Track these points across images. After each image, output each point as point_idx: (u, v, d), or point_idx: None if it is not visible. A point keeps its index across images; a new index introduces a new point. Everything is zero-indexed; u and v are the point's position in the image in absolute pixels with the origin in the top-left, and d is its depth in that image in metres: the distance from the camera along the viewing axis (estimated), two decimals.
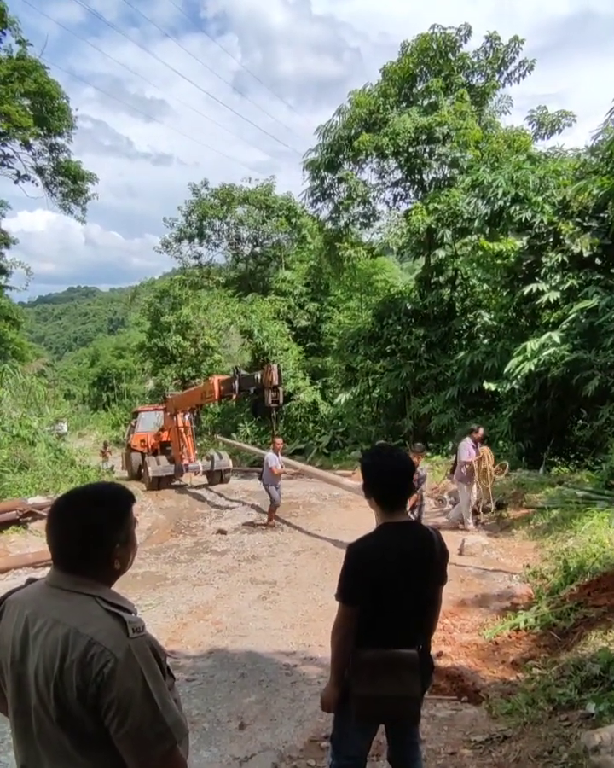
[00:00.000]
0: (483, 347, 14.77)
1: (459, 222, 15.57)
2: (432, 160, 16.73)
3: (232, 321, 24.58)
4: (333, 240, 18.39)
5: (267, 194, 29.01)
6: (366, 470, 2.43)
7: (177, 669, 4.80)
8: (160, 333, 28.68)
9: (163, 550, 9.20)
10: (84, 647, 1.44)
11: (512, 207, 13.13)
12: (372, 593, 2.28)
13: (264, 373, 11.08)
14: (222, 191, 29.22)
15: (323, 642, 5.28)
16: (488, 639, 5.17)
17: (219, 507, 12.97)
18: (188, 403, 14.84)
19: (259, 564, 8.13)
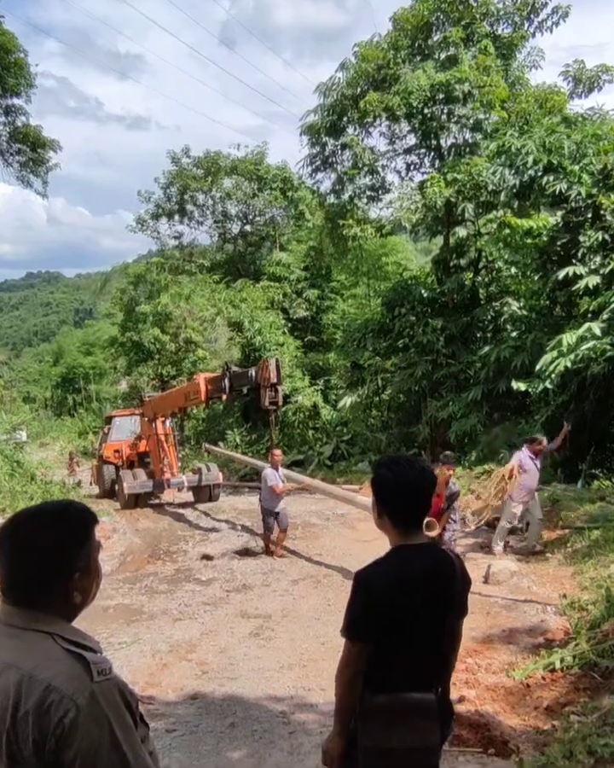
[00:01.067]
0: (512, 341, 14.78)
1: (482, 195, 15.58)
2: (451, 123, 16.75)
3: (218, 311, 24.60)
4: (335, 216, 18.41)
5: (258, 164, 29.00)
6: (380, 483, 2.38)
7: (155, 717, 4.80)
8: (135, 325, 28.66)
9: (139, 579, 9.19)
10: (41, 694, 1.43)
11: (544, 178, 13.14)
12: (384, 628, 2.28)
13: (260, 369, 10.99)
14: (206, 160, 29.21)
15: (326, 686, 5.29)
16: (518, 681, 5.17)
17: (204, 528, 12.96)
18: (170, 406, 14.81)
19: (251, 595, 8.13)
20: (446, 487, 7.78)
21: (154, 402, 15.61)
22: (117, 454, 17.68)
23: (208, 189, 29.30)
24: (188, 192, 29.26)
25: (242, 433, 24.98)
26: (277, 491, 10.11)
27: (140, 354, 29.55)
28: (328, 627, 6.74)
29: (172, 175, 29.26)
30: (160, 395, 16.30)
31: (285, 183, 28.48)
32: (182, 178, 28.84)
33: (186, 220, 30.67)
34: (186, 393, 13.56)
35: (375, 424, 21.84)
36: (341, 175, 18.03)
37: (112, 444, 18.08)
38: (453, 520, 8.16)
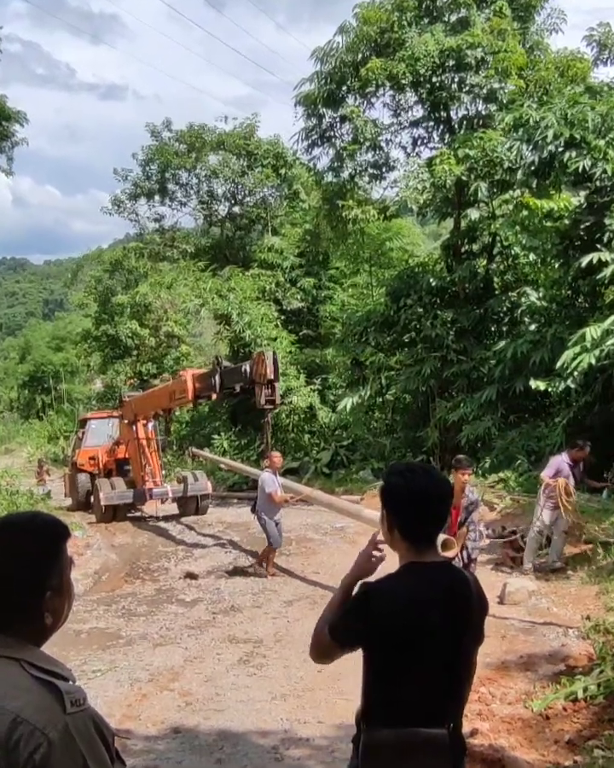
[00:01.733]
0: (530, 335, 14.81)
1: (497, 173, 15.60)
2: (462, 93, 16.76)
3: (203, 302, 24.53)
4: (334, 196, 18.41)
5: (248, 138, 28.98)
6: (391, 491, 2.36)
7: (133, 754, 4.80)
8: (111, 318, 28.68)
9: (115, 600, 9.19)
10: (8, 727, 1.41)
11: (566, 154, 13.14)
12: (391, 654, 2.27)
13: (255, 364, 10.94)
14: (189, 134, 29.17)
15: (323, 718, 5.30)
16: (536, 712, 5.18)
17: (188, 544, 12.96)
18: (153, 407, 14.77)
19: (240, 617, 8.13)
20: (462, 496, 7.37)
21: (135, 402, 15.55)
22: (92, 461, 17.63)
23: (192, 167, 29.26)
24: (170, 170, 29.22)
25: (230, 437, 24.96)
26: (276, 500, 10.00)
27: (116, 350, 29.57)
28: None
29: (152, 151, 29.20)
30: (142, 395, 16.26)
31: (277, 160, 28.46)
32: (163, 154, 28.79)
33: (167, 201, 30.62)
34: (171, 392, 13.48)
35: (378, 428, 21.84)
36: (340, 151, 18.02)
37: (87, 450, 18.06)
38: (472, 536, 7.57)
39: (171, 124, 29.59)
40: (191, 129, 29.24)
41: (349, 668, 6.31)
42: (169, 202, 30.63)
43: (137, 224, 31.20)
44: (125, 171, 29.84)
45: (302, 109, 18.06)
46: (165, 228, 31.18)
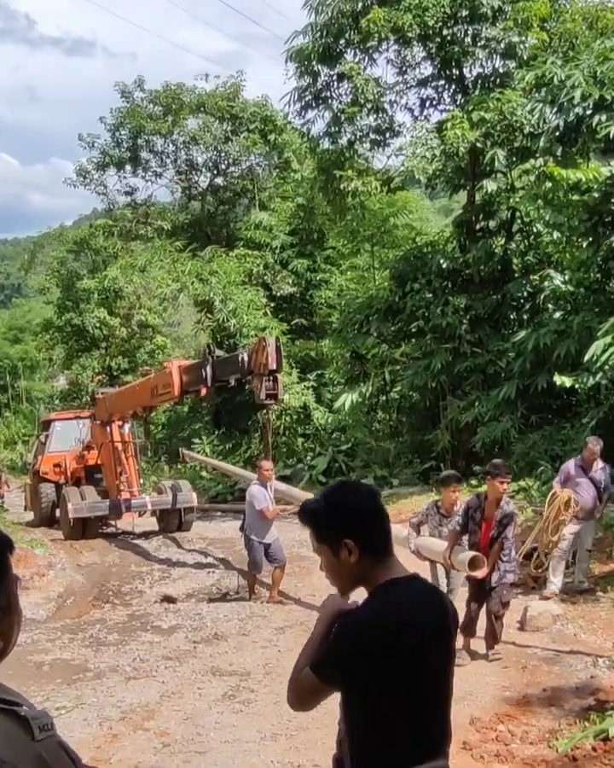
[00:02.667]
0: (554, 324, 14.85)
1: (517, 139, 15.62)
2: (477, 48, 16.76)
3: (182, 287, 24.49)
4: (330, 166, 18.40)
5: (232, 99, 28.92)
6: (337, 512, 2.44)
7: None
8: (76, 305, 28.62)
9: (82, 628, 9.19)
10: None
11: (595, 117, 13.16)
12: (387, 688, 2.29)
13: (254, 352, 10.72)
14: (165, 94, 29.08)
15: (320, 761, 5.30)
16: (562, 753, 5.20)
17: (165, 563, 12.96)
18: (132, 405, 14.60)
19: (225, 647, 8.13)
20: (497, 508, 7.07)
21: (110, 400, 15.39)
22: (58, 469, 17.52)
23: (168, 132, 29.19)
24: (143, 135, 29.14)
25: (213, 441, 24.99)
26: (269, 517, 9.89)
27: (82, 342, 29.52)
28: None
29: (122, 114, 29.11)
30: (118, 391, 16.15)
31: (266, 124, 28.42)
32: (135, 118, 28.71)
33: (140, 171, 30.54)
34: (153, 388, 13.29)
35: (381, 430, 21.87)
36: (338, 113, 18.00)
37: (52, 455, 17.95)
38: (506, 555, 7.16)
39: (144, 83, 29.52)
40: (167, 89, 29.16)
41: None
42: (142, 173, 30.56)
43: (106, 197, 31.12)
44: (92, 138, 29.74)
45: (294, 66, 18.01)
46: (137, 202, 31.11)
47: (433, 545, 7.68)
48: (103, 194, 30.99)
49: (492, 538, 7.09)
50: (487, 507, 7.10)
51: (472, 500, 7.32)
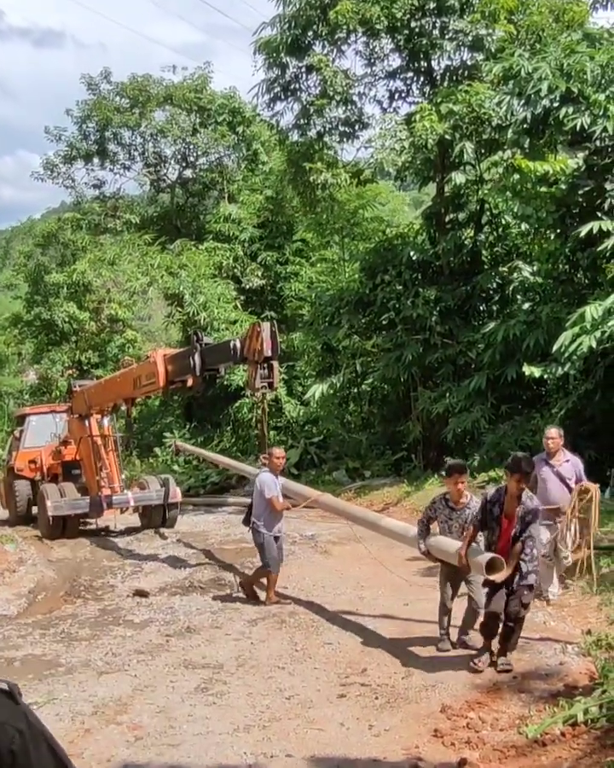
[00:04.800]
0: (523, 315, 14.95)
1: (485, 131, 15.69)
2: (445, 40, 16.78)
3: (151, 281, 24.39)
4: (300, 158, 18.35)
5: (200, 91, 28.79)
6: None
7: None
8: (45, 299, 28.35)
9: (53, 623, 9.13)
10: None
11: (562, 109, 13.25)
12: None
13: (248, 338, 10.17)
14: (132, 86, 28.87)
15: (293, 750, 5.33)
16: (531, 738, 5.25)
17: (137, 557, 12.91)
18: (112, 397, 14.26)
19: (198, 640, 8.12)
20: (519, 504, 6.57)
21: (89, 393, 14.97)
22: (33, 465, 17.12)
23: (136, 124, 29.02)
24: (110, 128, 28.95)
25: (185, 435, 24.91)
26: (277, 507, 9.33)
27: (52, 336, 29.26)
28: (295, 678, 6.78)
29: (89, 106, 28.87)
30: (97, 383, 15.76)
31: (234, 116, 28.34)
32: (102, 110, 28.48)
33: (108, 164, 30.35)
34: (136, 378, 12.77)
35: (353, 422, 21.91)
36: (307, 106, 17.94)
37: (27, 451, 17.58)
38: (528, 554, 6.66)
39: (111, 75, 29.31)
40: (134, 81, 28.97)
41: (319, 696, 6.38)
42: (110, 165, 30.38)
43: (74, 191, 30.86)
44: (59, 130, 29.49)
45: (262, 58, 17.92)
46: (105, 195, 30.90)
47: (446, 545, 7.18)
48: (71, 188, 30.73)
49: (514, 536, 6.59)
50: (507, 502, 6.59)
51: (492, 494, 6.79)
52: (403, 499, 15.59)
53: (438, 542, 7.31)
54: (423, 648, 7.37)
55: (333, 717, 5.92)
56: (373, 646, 7.56)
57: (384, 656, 7.26)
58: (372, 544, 12.18)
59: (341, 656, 7.34)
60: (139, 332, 30.15)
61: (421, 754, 5.18)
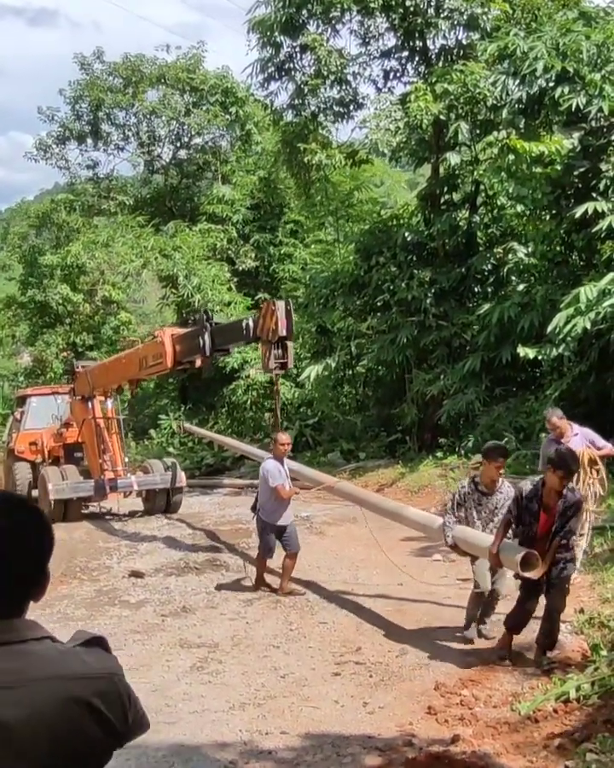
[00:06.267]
0: (517, 297, 14.95)
1: (480, 111, 15.59)
2: (440, 19, 16.65)
3: (145, 262, 24.31)
4: (294, 138, 18.27)
5: (193, 71, 28.54)
6: None
7: None
8: (39, 281, 28.22)
9: (50, 604, 9.15)
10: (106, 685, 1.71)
11: (557, 89, 13.20)
12: None
13: (262, 317, 9.83)
14: (124, 66, 28.60)
15: (287, 728, 5.38)
16: (524, 715, 5.30)
17: (132, 538, 12.95)
18: (117, 378, 13.96)
19: (193, 619, 8.18)
20: (560, 499, 6.19)
21: (92, 373, 14.66)
22: (34, 447, 16.78)
23: (129, 104, 28.81)
24: (103, 108, 28.72)
25: (180, 417, 24.90)
26: (284, 495, 8.88)
27: (46, 318, 29.16)
28: (290, 657, 6.83)
29: (81, 86, 28.65)
30: (101, 364, 15.44)
31: (227, 96, 28.12)
32: (95, 90, 28.26)
33: (101, 145, 30.14)
34: (142, 359, 12.36)
35: (348, 404, 21.94)
36: (301, 85, 17.83)
37: (27, 433, 17.25)
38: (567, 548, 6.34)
39: (103, 54, 29.06)
40: (127, 60, 28.74)
41: (314, 674, 6.43)
42: (103, 146, 30.16)
43: (67, 171, 30.67)
44: (52, 111, 29.24)
45: (256, 37, 17.77)
46: (99, 176, 30.72)
47: (476, 539, 6.77)
48: (65, 169, 30.54)
49: (554, 531, 6.21)
50: (546, 496, 6.19)
51: (529, 490, 6.27)
52: (398, 480, 15.64)
53: (468, 534, 6.88)
54: (417, 627, 7.43)
55: (327, 695, 5.97)
56: (368, 625, 7.62)
57: (378, 635, 7.33)
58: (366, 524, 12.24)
59: (336, 635, 7.40)
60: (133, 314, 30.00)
61: (415, 731, 5.23)
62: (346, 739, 5.20)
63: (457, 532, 6.91)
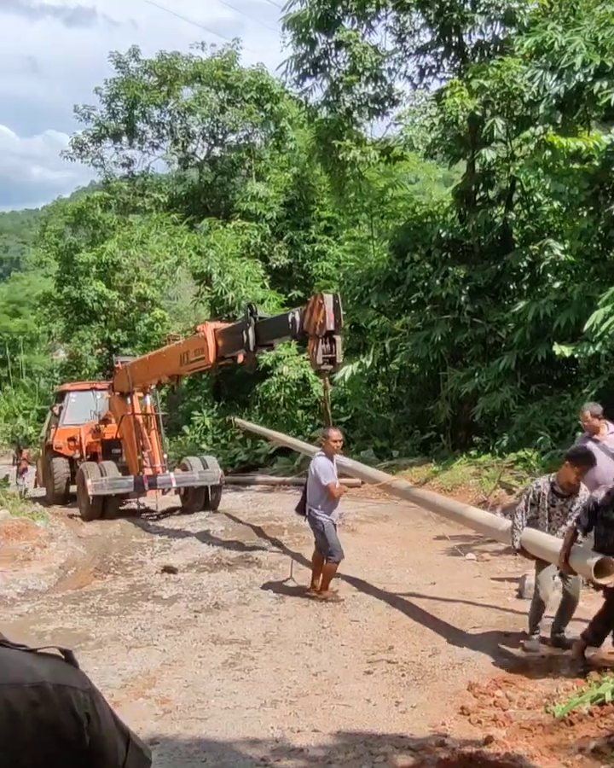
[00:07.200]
0: (554, 294, 14.82)
1: (516, 107, 15.48)
2: (476, 14, 16.54)
3: (179, 260, 24.43)
4: (329, 135, 18.24)
5: (228, 68, 28.64)
6: None
7: None
8: (75, 278, 28.51)
9: (83, 598, 9.24)
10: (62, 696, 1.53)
11: (596, 84, 13.04)
12: None
13: (309, 311, 9.52)
14: (160, 64, 28.79)
15: (319, 725, 5.36)
16: (559, 717, 5.24)
17: (165, 534, 13.01)
18: (157, 373, 13.83)
19: (225, 616, 8.19)
20: None
21: (132, 369, 14.60)
22: (72, 443, 16.90)
23: (163, 102, 28.97)
24: (139, 106, 28.92)
25: (213, 414, 25.00)
26: (335, 494, 8.67)
27: (81, 315, 29.48)
28: (322, 654, 6.81)
29: (116, 84, 28.87)
30: (141, 359, 15.38)
31: (262, 93, 28.19)
32: (130, 89, 28.47)
33: (136, 143, 30.38)
34: (183, 354, 12.19)
35: (381, 401, 21.90)
36: (336, 82, 17.84)
37: (66, 428, 17.32)
38: None
39: (139, 53, 29.27)
40: (162, 58, 28.90)
41: (346, 672, 6.41)
42: (138, 144, 30.40)
43: (103, 169, 30.97)
44: (88, 109, 29.54)
45: (291, 34, 17.82)
46: (134, 174, 30.94)
47: (546, 543, 6.46)
48: (100, 167, 30.85)
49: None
50: None
51: (602, 498, 5.91)
52: (431, 479, 15.57)
53: (537, 538, 6.53)
54: (450, 627, 7.38)
55: (359, 693, 5.94)
56: (400, 624, 7.58)
57: (410, 634, 7.28)
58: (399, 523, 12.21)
59: (368, 633, 7.37)
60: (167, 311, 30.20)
61: (448, 731, 5.19)
62: (378, 738, 5.17)
63: (525, 535, 6.58)
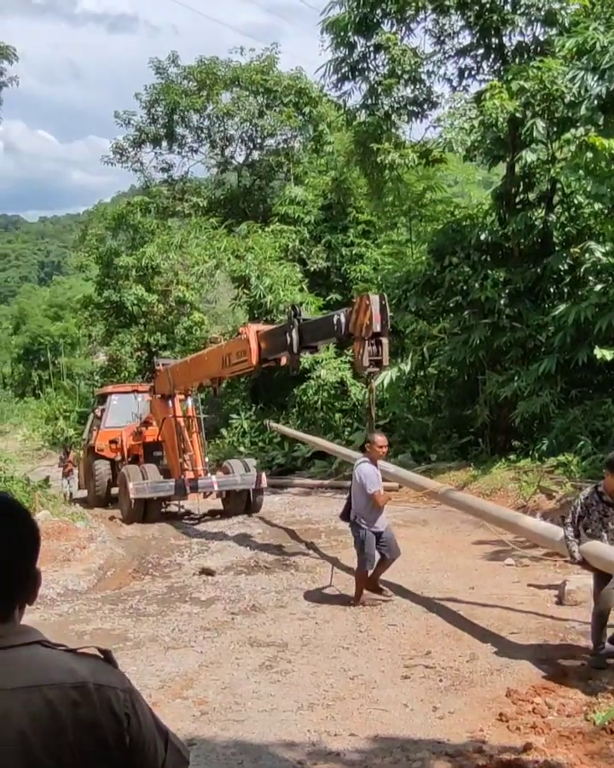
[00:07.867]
0: (595, 297, 14.66)
1: (557, 108, 15.34)
2: (517, 15, 16.44)
3: (218, 263, 24.55)
4: (368, 138, 18.24)
5: (266, 72, 28.77)
6: None
7: None
8: (115, 282, 28.80)
9: (122, 599, 9.32)
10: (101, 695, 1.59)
11: None
12: None
13: (354, 312, 9.40)
14: (199, 69, 29.00)
15: (356, 730, 5.35)
16: (599, 725, 5.18)
17: (203, 536, 13.08)
18: (199, 376, 13.79)
19: (262, 618, 8.21)
20: None
21: (173, 371, 14.52)
22: (114, 445, 16.92)
23: (202, 107, 29.16)
24: (178, 111, 29.15)
25: (251, 417, 25.06)
26: (380, 503, 8.44)
27: (121, 318, 29.77)
28: (359, 658, 6.80)
29: (156, 90, 29.14)
30: (183, 361, 15.29)
31: (300, 97, 28.26)
32: (170, 94, 28.72)
33: (176, 147, 30.65)
34: (225, 356, 12.05)
35: (420, 405, 21.80)
36: (374, 85, 17.84)
37: (108, 431, 17.37)
38: None
39: (178, 58, 29.55)
40: (201, 63, 29.11)
41: (383, 676, 6.39)
42: (178, 149, 30.66)
43: (142, 174, 31.33)
44: (128, 115, 29.89)
45: (330, 37, 17.87)
46: (173, 179, 31.21)
47: (607, 553, 6.26)
48: (140, 171, 31.20)
49: None
50: None
51: None
52: (469, 483, 15.46)
53: (599, 549, 6.29)
54: (488, 633, 7.32)
55: (396, 698, 5.92)
56: (438, 629, 7.54)
57: (448, 639, 7.24)
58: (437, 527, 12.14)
59: (405, 638, 7.34)
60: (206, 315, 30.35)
61: (486, 738, 5.15)
62: (415, 743, 5.14)
63: (585, 547, 6.36)
